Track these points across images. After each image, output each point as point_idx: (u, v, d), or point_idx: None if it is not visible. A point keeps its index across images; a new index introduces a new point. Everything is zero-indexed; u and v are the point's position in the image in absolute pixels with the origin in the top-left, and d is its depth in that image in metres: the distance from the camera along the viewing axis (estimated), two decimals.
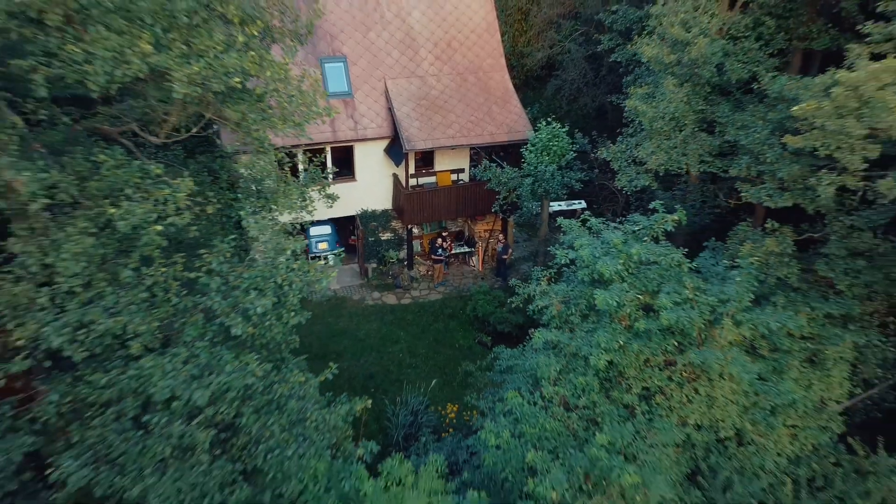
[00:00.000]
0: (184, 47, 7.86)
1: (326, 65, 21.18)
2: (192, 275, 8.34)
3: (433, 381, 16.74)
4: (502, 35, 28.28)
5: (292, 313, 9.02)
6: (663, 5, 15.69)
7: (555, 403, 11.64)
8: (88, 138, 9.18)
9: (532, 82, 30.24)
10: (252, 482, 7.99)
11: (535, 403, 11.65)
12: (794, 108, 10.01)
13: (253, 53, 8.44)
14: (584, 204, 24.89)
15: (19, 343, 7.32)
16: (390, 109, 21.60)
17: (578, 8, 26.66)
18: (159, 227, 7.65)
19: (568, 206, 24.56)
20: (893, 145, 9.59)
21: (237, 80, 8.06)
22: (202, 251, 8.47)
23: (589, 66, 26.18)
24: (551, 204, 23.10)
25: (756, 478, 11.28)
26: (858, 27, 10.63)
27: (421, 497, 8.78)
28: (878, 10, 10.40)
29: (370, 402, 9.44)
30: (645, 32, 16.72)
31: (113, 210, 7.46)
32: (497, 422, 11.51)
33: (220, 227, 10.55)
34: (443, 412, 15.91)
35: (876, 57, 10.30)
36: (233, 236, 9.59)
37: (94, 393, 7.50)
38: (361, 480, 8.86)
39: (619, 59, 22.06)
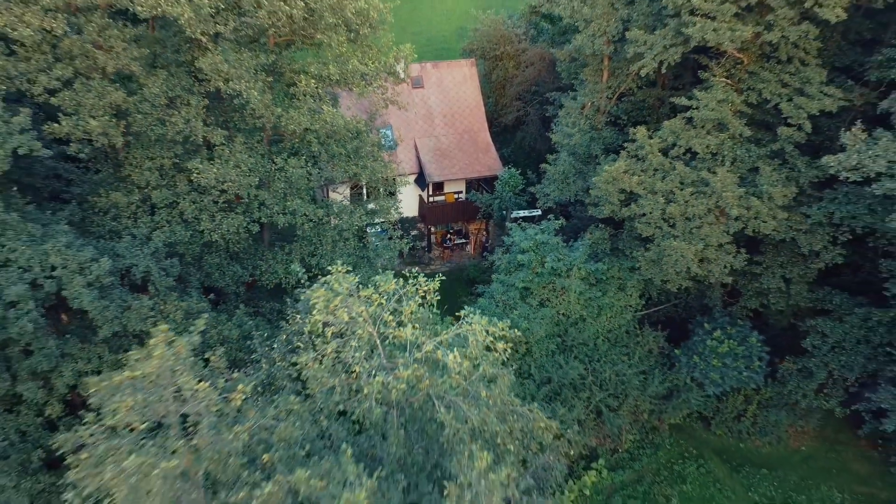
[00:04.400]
0: (360, 162, 22.57)
1: (382, 130, 35.86)
2: (360, 243, 23.11)
3: (444, 307, 31.45)
4: (488, 99, 42.97)
5: (395, 260, 23.75)
6: (564, 110, 30.32)
7: (499, 303, 26.32)
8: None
9: (508, 129, 44.86)
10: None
11: (491, 304, 26.33)
12: (593, 178, 24.66)
13: (382, 162, 23.15)
14: (539, 212, 39.38)
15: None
16: (418, 157, 36.27)
17: (537, 86, 41.37)
18: (356, 227, 22.33)
19: (528, 212, 39.04)
20: (629, 195, 24.24)
21: (380, 174, 22.65)
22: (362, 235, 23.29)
23: (542, 125, 40.81)
24: (517, 211, 37.69)
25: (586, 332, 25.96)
26: (624, 144, 25.27)
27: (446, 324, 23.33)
28: (632, 137, 24.98)
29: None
30: (554, 123, 31.38)
31: (337, 221, 22.10)
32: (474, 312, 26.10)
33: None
34: None
35: (631, 156, 24.89)
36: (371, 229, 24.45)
37: None
38: None
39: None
